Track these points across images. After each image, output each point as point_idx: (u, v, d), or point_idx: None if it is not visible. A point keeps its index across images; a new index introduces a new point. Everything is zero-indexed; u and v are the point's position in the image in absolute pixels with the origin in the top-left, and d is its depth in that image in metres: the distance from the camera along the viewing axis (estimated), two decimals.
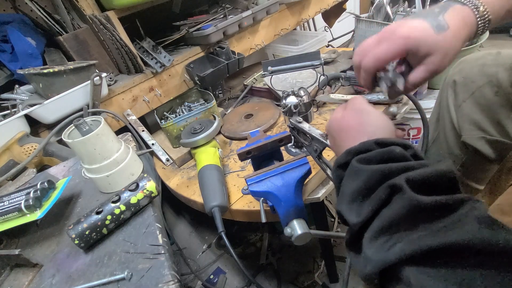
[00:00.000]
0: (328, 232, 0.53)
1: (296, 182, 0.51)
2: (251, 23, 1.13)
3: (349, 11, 1.92)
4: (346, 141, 0.36)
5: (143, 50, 1.00)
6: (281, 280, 0.99)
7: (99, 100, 0.83)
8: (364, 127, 0.35)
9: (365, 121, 0.36)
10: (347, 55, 1.19)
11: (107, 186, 0.56)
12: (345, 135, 0.37)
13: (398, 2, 1.02)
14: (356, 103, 0.39)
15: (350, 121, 0.37)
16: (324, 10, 1.50)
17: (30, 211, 0.46)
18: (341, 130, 0.38)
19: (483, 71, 0.50)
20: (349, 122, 0.37)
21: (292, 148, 0.77)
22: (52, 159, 0.73)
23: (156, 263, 0.40)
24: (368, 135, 0.33)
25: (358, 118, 0.37)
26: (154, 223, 0.46)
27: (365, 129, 0.35)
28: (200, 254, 1.16)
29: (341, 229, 1.11)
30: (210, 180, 0.70)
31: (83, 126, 0.52)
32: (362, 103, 0.39)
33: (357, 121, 0.36)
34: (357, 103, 0.39)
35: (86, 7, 0.87)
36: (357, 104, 0.39)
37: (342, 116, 0.39)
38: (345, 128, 0.37)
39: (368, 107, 0.38)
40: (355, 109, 0.38)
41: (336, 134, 0.39)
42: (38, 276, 0.44)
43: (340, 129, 0.38)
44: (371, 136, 0.33)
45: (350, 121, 0.37)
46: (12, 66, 0.85)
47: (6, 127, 0.72)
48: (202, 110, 0.92)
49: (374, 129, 0.35)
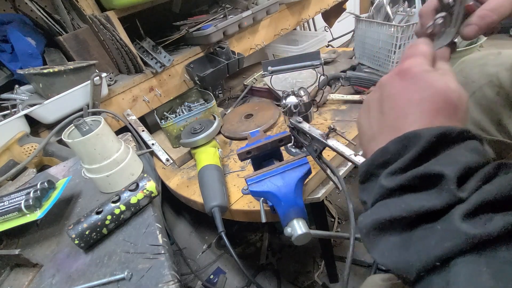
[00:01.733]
0: (328, 232, 0.53)
1: (296, 182, 0.51)
2: (251, 23, 1.13)
3: (349, 11, 1.91)
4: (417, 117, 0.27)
5: (143, 50, 1.00)
6: (281, 280, 0.99)
7: (99, 100, 0.83)
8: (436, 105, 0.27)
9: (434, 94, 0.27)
10: (347, 55, 1.19)
11: (107, 186, 0.56)
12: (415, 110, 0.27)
13: (398, 2, 1.02)
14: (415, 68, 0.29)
15: (415, 94, 0.27)
16: (324, 10, 1.50)
17: (30, 211, 0.46)
18: (405, 106, 0.28)
19: (484, 71, 0.50)
20: (413, 96, 0.27)
21: (292, 148, 0.77)
22: (52, 159, 0.73)
23: (156, 263, 0.40)
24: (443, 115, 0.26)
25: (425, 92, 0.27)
26: (154, 223, 0.46)
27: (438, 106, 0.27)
28: (200, 254, 1.16)
29: (341, 229, 1.11)
30: (210, 180, 0.70)
31: (83, 126, 0.52)
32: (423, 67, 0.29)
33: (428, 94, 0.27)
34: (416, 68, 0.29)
35: (86, 7, 0.87)
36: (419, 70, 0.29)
37: (401, 87, 0.29)
38: (409, 102, 0.28)
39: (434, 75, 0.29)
40: (416, 77, 0.29)
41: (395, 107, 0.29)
42: (38, 276, 0.44)
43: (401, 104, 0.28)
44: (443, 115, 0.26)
45: (415, 94, 0.27)
46: (12, 66, 0.85)
47: (6, 127, 0.72)
48: (202, 110, 0.92)
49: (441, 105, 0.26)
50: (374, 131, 0.30)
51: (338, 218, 1.14)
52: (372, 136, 0.31)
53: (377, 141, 0.29)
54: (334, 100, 0.96)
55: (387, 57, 0.96)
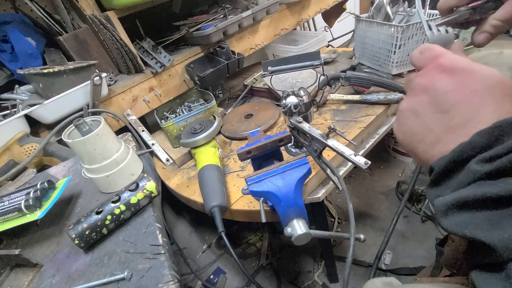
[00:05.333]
0: (328, 232, 0.53)
1: (296, 182, 0.51)
2: (251, 23, 1.13)
3: (349, 11, 1.92)
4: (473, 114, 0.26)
5: (143, 50, 1.00)
6: (281, 280, 0.99)
7: (99, 100, 0.83)
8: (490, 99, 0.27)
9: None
10: (347, 55, 1.19)
11: (107, 186, 0.56)
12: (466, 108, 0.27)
13: (398, 2, 1.02)
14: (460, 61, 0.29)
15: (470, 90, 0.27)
16: (324, 10, 1.50)
17: (30, 211, 0.46)
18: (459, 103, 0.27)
19: None
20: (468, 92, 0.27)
21: (292, 148, 0.77)
22: (52, 159, 0.73)
23: (156, 263, 0.40)
24: None
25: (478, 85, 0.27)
26: (154, 223, 0.46)
27: None
28: (200, 254, 1.16)
29: (341, 229, 1.11)
30: (210, 180, 0.70)
31: (83, 126, 0.52)
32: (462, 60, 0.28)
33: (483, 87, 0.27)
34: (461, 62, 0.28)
35: (86, 7, 0.87)
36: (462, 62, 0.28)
37: (457, 81, 0.28)
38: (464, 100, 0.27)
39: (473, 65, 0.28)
40: (468, 69, 0.28)
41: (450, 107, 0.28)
42: (38, 276, 0.44)
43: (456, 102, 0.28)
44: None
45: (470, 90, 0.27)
46: (12, 66, 0.85)
47: (6, 127, 0.72)
48: (202, 110, 0.93)
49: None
50: (437, 133, 0.29)
51: (338, 218, 1.14)
52: (436, 139, 0.29)
53: (445, 142, 0.28)
54: (334, 100, 0.96)
55: (387, 57, 0.96)
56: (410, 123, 0.31)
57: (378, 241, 0.99)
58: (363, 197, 1.20)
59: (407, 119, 0.32)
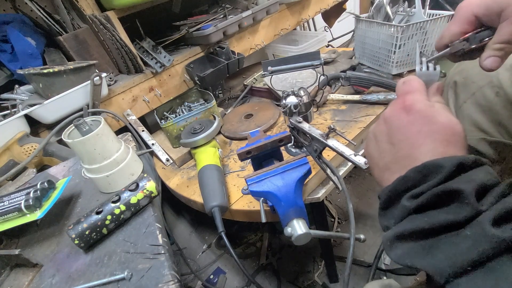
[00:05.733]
0: (328, 232, 0.53)
1: (296, 182, 0.51)
2: (251, 23, 1.13)
3: (349, 11, 1.92)
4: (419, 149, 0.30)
5: (143, 50, 1.00)
6: (281, 280, 0.99)
7: (99, 100, 0.83)
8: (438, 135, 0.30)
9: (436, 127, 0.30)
10: (347, 55, 1.19)
11: (107, 186, 0.56)
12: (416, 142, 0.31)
13: (398, 2, 1.02)
14: (418, 104, 0.32)
15: (417, 126, 0.31)
16: (324, 10, 1.49)
17: (30, 211, 0.46)
18: (408, 137, 0.31)
19: (483, 72, 0.50)
20: (415, 128, 0.31)
21: (292, 148, 0.77)
22: (52, 159, 0.73)
23: (156, 263, 0.40)
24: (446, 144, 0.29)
25: (428, 125, 0.31)
26: (154, 223, 0.46)
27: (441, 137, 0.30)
28: (200, 254, 1.16)
29: (341, 229, 1.11)
30: (210, 180, 0.70)
31: (83, 126, 0.52)
32: (424, 103, 0.32)
33: (429, 127, 0.30)
34: (419, 105, 0.32)
35: (86, 7, 0.86)
36: (420, 105, 0.32)
37: (408, 121, 0.32)
38: (411, 135, 0.31)
39: (433, 109, 0.32)
40: (421, 112, 0.32)
41: (401, 140, 0.32)
42: (38, 276, 0.44)
43: (407, 136, 0.31)
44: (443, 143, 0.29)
45: (417, 126, 0.31)
46: (12, 66, 0.85)
47: (6, 127, 0.72)
48: (202, 110, 0.92)
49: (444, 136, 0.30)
50: (386, 161, 0.33)
51: (338, 218, 1.14)
52: (385, 166, 0.33)
53: (392, 171, 0.32)
54: (334, 100, 0.96)
55: (387, 57, 0.96)
56: (371, 146, 0.36)
57: (378, 241, 0.99)
58: (363, 197, 1.20)
59: (370, 141, 0.36)
